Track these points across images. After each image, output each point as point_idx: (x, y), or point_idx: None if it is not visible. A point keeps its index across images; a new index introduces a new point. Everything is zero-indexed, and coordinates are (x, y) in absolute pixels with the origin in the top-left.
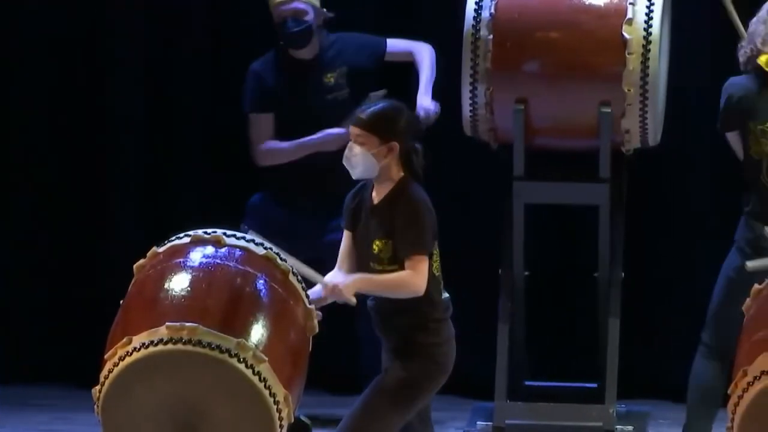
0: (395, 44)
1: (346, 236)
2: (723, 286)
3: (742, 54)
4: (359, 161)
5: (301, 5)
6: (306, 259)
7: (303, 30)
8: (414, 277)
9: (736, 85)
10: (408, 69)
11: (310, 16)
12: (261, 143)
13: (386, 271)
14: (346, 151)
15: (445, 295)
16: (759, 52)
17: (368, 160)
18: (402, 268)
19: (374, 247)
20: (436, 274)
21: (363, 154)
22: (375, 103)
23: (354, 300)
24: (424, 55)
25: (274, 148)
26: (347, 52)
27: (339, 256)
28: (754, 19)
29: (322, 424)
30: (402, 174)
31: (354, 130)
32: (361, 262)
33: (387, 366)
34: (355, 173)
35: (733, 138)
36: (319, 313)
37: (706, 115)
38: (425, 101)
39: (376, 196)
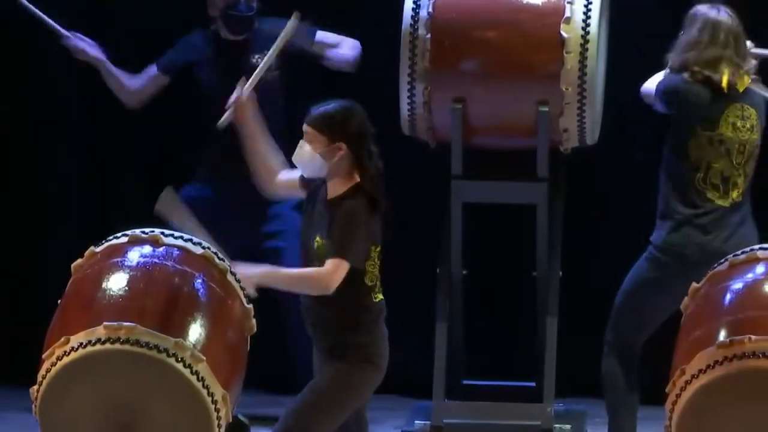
0: (325, 35)
1: (296, 177)
2: (636, 289)
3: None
4: (307, 160)
5: None
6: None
7: (252, 16)
8: (325, 276)
9: (688, 88)
10: (383, 73)
11: (255, 3)
12: (126, 82)
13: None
14: (297, 149)
15: (379, 297)
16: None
17: (316, 159)
18: None
19: (315, 244)
20: (369, 284)
21: (311, 154)
22: (328, 103)
23: (254, 291)
24: (348, 45)
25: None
26: (277, 35)
27: (285, 177)
28: (696, 37)
29: (260, 424)
30: (358, 180)
31: (305, 128)
32: (305, 257)
33: (322, 367)
34: (305, 171)
35: None
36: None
37: (643, 115)
38: (341, 52)
39: (330, 193)
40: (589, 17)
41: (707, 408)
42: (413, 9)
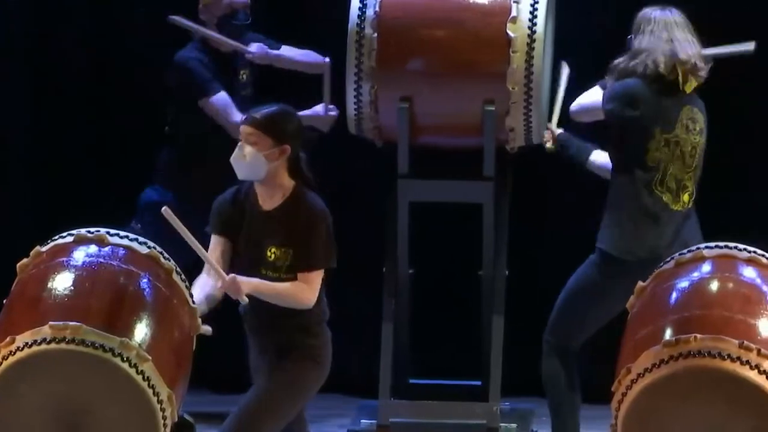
0: (290, 52)
1: (216, 242)
2: (580, 291)
3: (641, 67)
4: (249, 161)
5: None
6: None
7: (249, 25)
8: (306, 292)
9: (641, 90)
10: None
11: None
12: (233, 118)
13: (282, 279)
14: (236, 151)
15: (323, 297)
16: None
17: (259, 160)
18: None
19: (269, 254)
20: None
21: (254, 155)
22: (267, 106)
23: (246, 299)
24: (312, 55)
25: None
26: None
27: (217, 258)
28: (650, 37)
29: (205, 422)
30: (293, 182)
31: (247, 129)
32: (246, 268)
33: (267, 367)
34: (242, 173)
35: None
36: (209, 328)
37: None
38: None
39: (266, 203)
40: (535, 17)
41: (653, 407)
42: (360, 8)
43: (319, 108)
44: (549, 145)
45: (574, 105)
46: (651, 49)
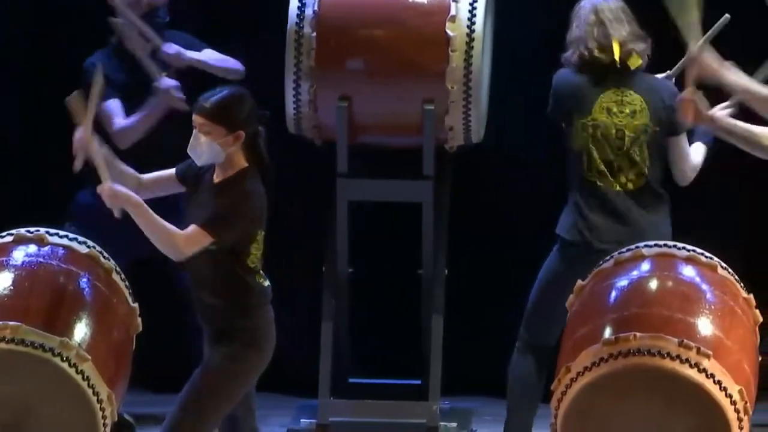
0: (204, 55)
1: (168, 173)
2: (544, 283)
3: (575, 58)
4: (205, 150)
5: None
6: (137, 260)
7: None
8: (182, 242)
9: (566, 77)
10: (268, 71)
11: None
12: (114, 125)
13: (214, 250)
14: (192, 140)
15: (266, 283)
16: (598, 51)
17: (214, 149)
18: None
19: None
20: (251, 265)
21: (209, 144)
22: (218, 91)
23: (117, 213)
24: (230, 61)
25: (125, 127)
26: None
27: (152, 174)
28: (581, 25)
29: (145, 422)
30: (245, 164)
31: (199, 119)
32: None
33: (208, 353)
34: (201, 161)
35: None
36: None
37: (528, 113)
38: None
39: (218, 176)
40: (474, 15)
41: (593, 405)
42: (299, 7)
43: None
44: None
45: None
46: (582, 36)
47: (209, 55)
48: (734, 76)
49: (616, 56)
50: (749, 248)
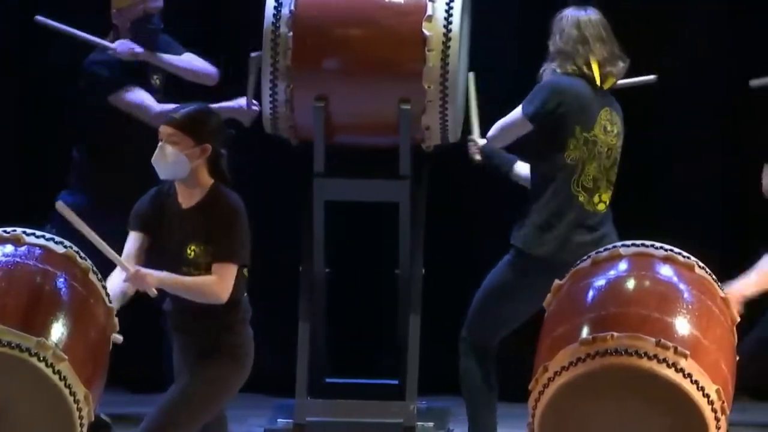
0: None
1: (134, 238)
2: (497, 289)
3: (568, 70)
4: (171, 162)
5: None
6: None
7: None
8: (218, 285)
9: (571, 85)
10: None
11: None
12: (153, 106)
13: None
14: (157, 152)
15: (246, 297)
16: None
17: (180, 160)
18: None
19: (189, 251)
20: (246, 275)
21: (176, 155)
22: (187, 106)
23: (155, 291)
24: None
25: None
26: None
27: (123, 256)
28: (566, 38)
29: (122, 423)
30: (212, 180)
31: (167, 129)
32: (170, 267)
33: (191, 366)
34: (164, 173)
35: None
36: (120, 337)
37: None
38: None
39: (185, 201)
40: (451, 15)
41: (570, 405)
42: (275, 7)
43: (241, 101)
44: (477, 157)
45: (492, 130)
46: (568, 52)
47: (188, 59)
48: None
49: (597, 79)
50: (727, 247)
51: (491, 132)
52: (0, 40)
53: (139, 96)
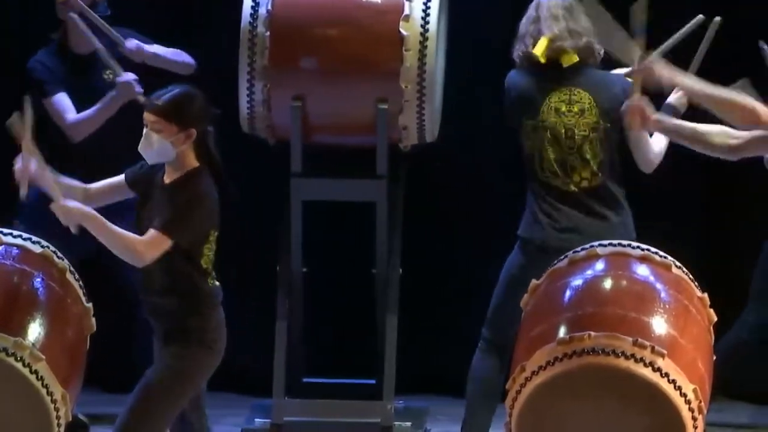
0: (158, 48)
1: (116, 180)
2: (505, 282)
3: (516, 55)
4: (156, 148)
5: None
6: (85, 259)
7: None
8: (141, 245)
9: (513, 80)
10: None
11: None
12: (68, 117)
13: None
14: (143, 139)
15: (216, 283)
16: (531, 48)
17: (165, 147)
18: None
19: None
20: (204, 266)
21: (161, 142)
22: (170, 89)
23: (75, 228)
24: (183, 56)
25: (81, 120)
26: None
27: (100, 183)
28: (524, 21)
29: (99, 423)
30: (196, 164)
31: (150, 117)
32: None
33: (159, 353)
34: (152, 159)
35: None
36: None
37: (482, 112)
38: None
39: (167, 177)
40: (428, 15)
41: (547, 404)
42: (252, 7)
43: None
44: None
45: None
46: (522, 33)
47: (162, 50)
48: (689, 80)
49: (538, 52)
50: (704, 247)
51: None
52: (0, 41)
53: (61, 104)
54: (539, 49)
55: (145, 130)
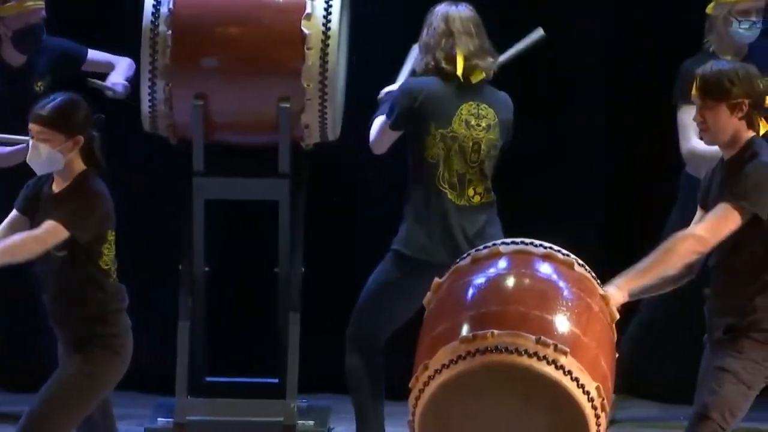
0: (96, 55)
1: (13, 216)
2: (375, 286)
3: (424, 65)
4: (45, 158)
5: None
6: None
7: (43, 39)
8: (35, 239)
9: (424, 84)
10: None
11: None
12: None
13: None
14: (30, 150)
15: (118, 283)
16: (444, 62)
17: (54, 156)
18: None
19: None
20: (105, 267)
21: (49, 152)
22: (52, 98)
23: None
24: (123, 63)
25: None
26: (53, 60)
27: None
28: (431, 31)
29: (3, 422)
30: (84, 167)
31: (36, 127)
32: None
33: (65, 359)
34: (41, 170)
35: None
36: None
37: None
38: (115, 78)
39: (56, 186)
40: (330, 13)
41: (450, 403)
42: (154, 6)
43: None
44: None
45: (371, 137)
46: (430, 44)
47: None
48: (634, 286)
49: (459, 71)
50: (606, 244)
51: (371, 138)
52: None
53: None
54: (459, 69)
55: (31, 142)
